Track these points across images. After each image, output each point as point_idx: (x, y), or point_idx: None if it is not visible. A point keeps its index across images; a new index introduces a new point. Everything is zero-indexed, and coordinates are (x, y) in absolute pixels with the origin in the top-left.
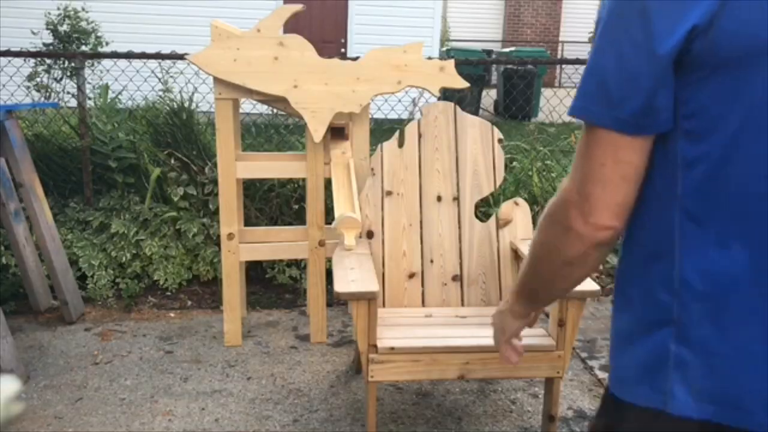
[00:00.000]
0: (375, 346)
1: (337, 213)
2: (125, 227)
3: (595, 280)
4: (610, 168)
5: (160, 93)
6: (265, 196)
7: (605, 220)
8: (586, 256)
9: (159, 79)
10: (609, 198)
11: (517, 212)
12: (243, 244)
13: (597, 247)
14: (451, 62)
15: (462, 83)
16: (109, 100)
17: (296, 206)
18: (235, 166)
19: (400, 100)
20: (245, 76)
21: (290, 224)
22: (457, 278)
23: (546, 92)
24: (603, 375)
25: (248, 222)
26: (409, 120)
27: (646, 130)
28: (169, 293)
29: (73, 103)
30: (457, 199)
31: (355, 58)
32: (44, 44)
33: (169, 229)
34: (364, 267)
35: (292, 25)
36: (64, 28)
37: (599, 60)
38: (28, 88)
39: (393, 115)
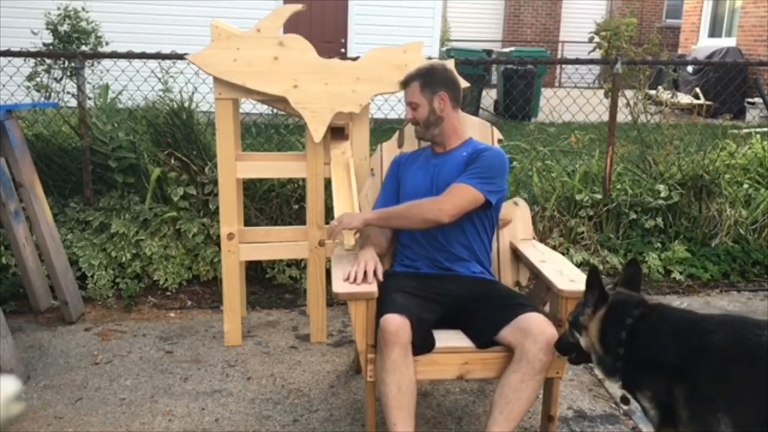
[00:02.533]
0: (374, 346)
1: (336, 213)
2: (125, 227)
3: None
4: None
5: (160, 93)
6: (265, 196)
7: None
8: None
9: (159, 79)
10: None
11: (517, 212)
12: (243, 244)
13: None
14: (451, 62)
15: (462, 83)
16: (109, 100)
17: (296, 206)
18: (235, 166)
19: (400, 100)
20: (245, 76)
21: (290, 224)
22: None
23: (546, 92)
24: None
25: (248, 222)
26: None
27: None
28: (169, 293)
29: (73, 103)
30: None
31: (355, 58)
32: (44, 44)
33: (169, 229)
34: None
35: (292, 25)
36: (64, 28)
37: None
38: (28, 88)
39: (393, 115)
